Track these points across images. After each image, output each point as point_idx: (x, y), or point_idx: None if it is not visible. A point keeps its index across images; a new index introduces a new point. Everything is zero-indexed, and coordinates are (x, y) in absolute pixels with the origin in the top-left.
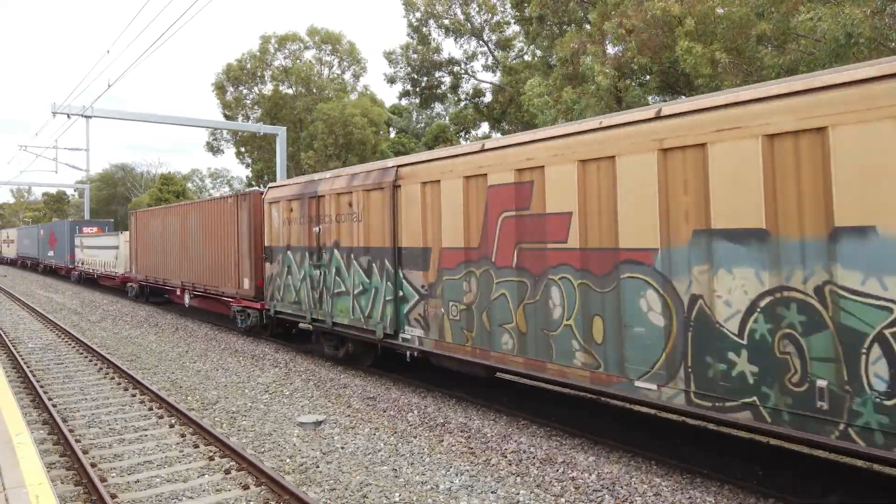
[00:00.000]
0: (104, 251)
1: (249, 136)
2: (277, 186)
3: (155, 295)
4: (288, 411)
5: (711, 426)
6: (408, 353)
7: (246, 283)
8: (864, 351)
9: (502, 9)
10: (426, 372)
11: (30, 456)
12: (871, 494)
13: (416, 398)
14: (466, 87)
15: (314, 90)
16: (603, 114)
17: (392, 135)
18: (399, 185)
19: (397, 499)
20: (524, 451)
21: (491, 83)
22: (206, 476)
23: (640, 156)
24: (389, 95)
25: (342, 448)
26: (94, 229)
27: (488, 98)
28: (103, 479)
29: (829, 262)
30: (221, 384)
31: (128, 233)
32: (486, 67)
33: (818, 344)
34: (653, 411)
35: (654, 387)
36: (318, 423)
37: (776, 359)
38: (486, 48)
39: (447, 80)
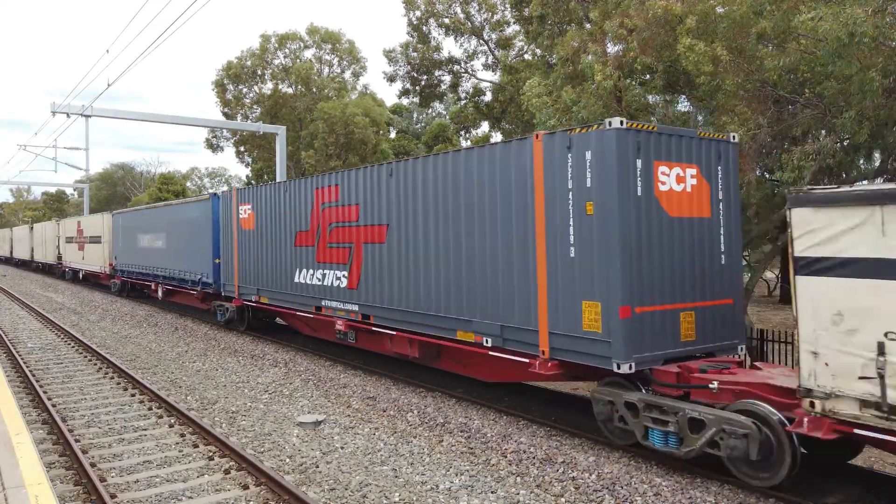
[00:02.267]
0: None
1: (249, 135)
2: None
3: None
4: (288, 411)
5: None
6: None
7: None
8: None
9: (502, 7)
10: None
11: (29, 456)
12: (869, 494)
13: (415, 398)
14: (466, 86)
15: (314, 89)
16: (603, 114)
17: (392, 135)
18: None
19: (397, 499)
20: (524, 451)
21: (491, 82)
22: (206, 476)
23: None
24: (389, 95)
25: (342, 448)
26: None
27: (488, 97)
28: (103, 479)
29: None
30: (221, 384)
31: None
32: (486, 66)
33: None
34: None
35: None
36: (318, 423)
37: None
38: (486, 47)
39: (447, 78)
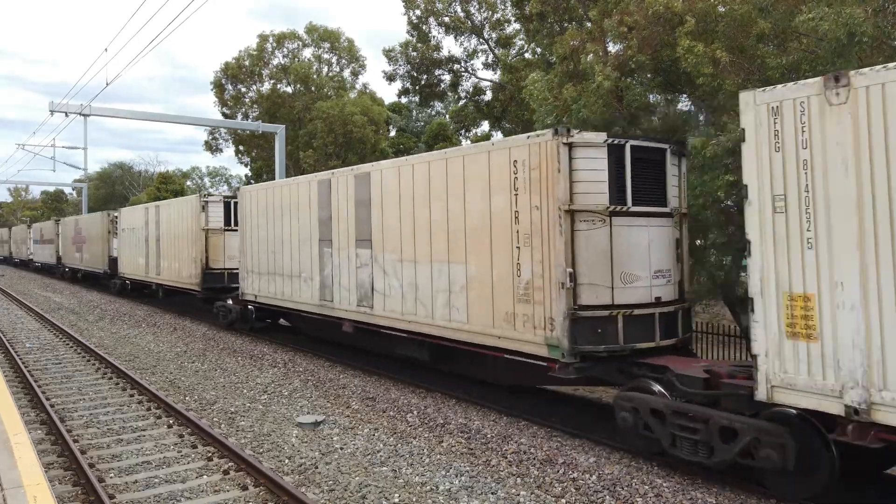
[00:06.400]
0: None
1: (248, 135)
2: None
3: None
4: (287, 412)
5: None
6: None
7: None
8: None
9: (503, 6)
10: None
11: (27, 456)
12: (871, 494)
13: (415, 399)
14: (466, 84)
15: (313, 88)
16: (603, 113)
17: (391, 133)
18: None
19: (397, 500)
20: (524, 452)
21: (491, 81)
22: (205, 476)
23: None
24: (388, 93)
25: (341, 449)
26: None
27: (488, 96)
28: (101, 480)
29: None
30: (220, 384)
31: None
32: (486, 65)
33: None
34: None
35: None
36: (317, 424)
37: None
38: (486, 46)
39: (447, 77)
